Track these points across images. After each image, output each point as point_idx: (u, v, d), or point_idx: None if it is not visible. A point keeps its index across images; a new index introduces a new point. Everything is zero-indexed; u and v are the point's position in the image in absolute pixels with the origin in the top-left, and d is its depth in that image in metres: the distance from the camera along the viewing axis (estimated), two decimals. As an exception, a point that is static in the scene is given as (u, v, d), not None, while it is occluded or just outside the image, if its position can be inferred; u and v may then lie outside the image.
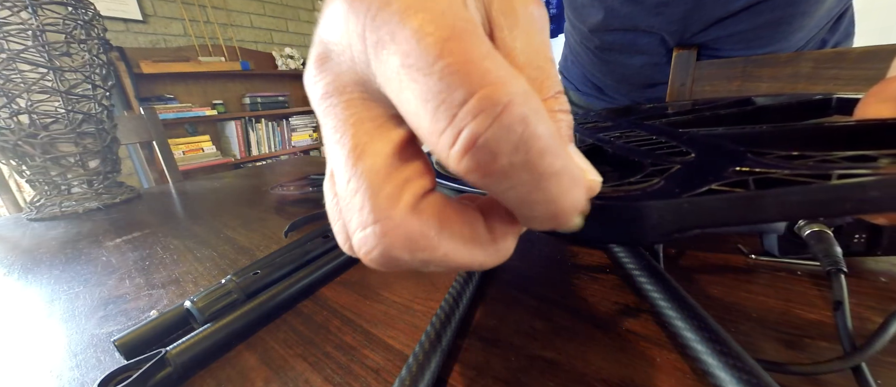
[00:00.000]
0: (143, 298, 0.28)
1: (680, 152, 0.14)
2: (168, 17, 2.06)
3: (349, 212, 0.09)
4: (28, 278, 0.34)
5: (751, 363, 0.13)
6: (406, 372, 0.16)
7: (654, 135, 0.17)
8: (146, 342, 0.21)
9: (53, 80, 0.54)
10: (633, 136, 0.18)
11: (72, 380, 0.20)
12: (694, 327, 0.15)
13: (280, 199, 0.54)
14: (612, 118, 0.22)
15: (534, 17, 0.11)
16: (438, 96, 0.07)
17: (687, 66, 0.51)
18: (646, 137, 0.17)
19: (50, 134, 0.56)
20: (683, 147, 0.14)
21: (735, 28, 0.46)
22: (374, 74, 0.09)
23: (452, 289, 0.21)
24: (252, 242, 0.37)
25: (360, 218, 0.09)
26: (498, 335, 0.19)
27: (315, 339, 0.21)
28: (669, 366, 0.16)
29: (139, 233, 0.45)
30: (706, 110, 0.21)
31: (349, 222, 0.10)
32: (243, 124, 2.31)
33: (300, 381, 0.18)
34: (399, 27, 0.08)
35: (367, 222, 0.09)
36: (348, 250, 0.10)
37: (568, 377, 0.16)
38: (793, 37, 0.45)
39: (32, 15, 0.52)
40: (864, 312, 0.18)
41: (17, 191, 0.86)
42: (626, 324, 0.19)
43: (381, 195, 0.09)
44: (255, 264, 0.27)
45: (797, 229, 0.21)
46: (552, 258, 0.27)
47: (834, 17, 0.47)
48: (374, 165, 0.09)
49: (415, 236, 0.09)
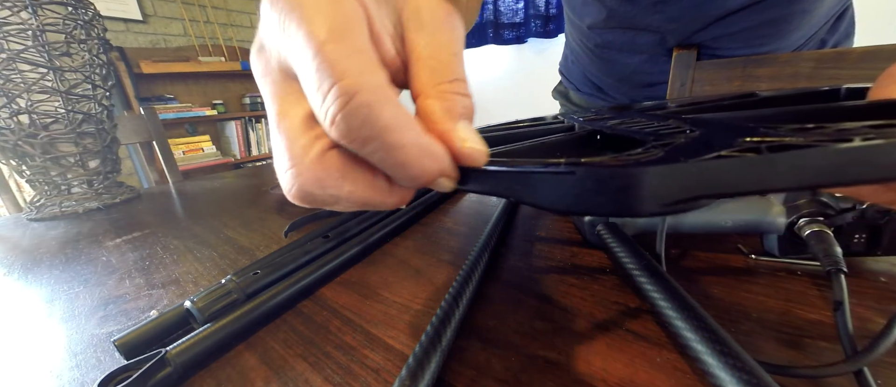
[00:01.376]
0: (143, 298, 0.28)
1: (684, 133, 0.12)
2: (168, 17, 2.06)
3: (277, 160, 0.13)
4: (28, 278, 0.34)
5: (751, 363, 0.13)
6: (406, 372, 0.16)
7: (657, 121, 0.16)
8: (146, 342, 0.21)
9: (53, 80, 0.54)
10: (634, 122, 0.17)
11: (72, 380, 0.20)
12: (694, 327, 0.15)
13: (280, 199, 0.54)
14: (613, 112, 0.22)
15: (440, 21, 0.13)
16: (315, 83, 0.11)
17: (687, 66, 0.51)
18: (647, 122, 0.16)
19: (50, 134, 0.56)
20: (688, 128, 0.13)
21: (734, 27, 0.46)
22: (288, 61, 0.12)
23: (452, 289, 0.21)
24: (252, 242, 0.37)
25: (282, 163, 0.12)
26: (498, 335, 0.19)
27: (315, 339, 0.21)
28: (669, 366, 0.16)
29: (139, 233, 0.45)
30: (708, 103, 0.21)
31: (277, 168, 0.13)
32: (243, 124, 2.31)
33: (300, 381, 0.18)
34: (296, 30, 0.11)
35: (287, 166, 0.12)
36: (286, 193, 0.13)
37: (568, 377, 0.16)
38: (792, 36, 0.45)
39: (32, 15, 0.52)
40: (864, 312, 0.18)
41: (17, 191, 0.86)
42: (626, 324, 0.19)
43: (295, 146, 0.12)
44: (255, 264, 0.27)
45: (797, 229, 0.21)
46: (552, 258, 0.27)
47: (834, 17, 0.47)
48: (291, 125, 0.12)
49: (321, 177, 0.12)
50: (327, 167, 0.12)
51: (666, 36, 0.50)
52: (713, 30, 0.47)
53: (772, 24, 0.44)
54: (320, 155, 0.12)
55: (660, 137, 0.12)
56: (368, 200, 0.13)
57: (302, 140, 0.12)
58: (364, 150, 0.11)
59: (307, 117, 0.12)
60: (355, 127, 0.10)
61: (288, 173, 0.12)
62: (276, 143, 0.13)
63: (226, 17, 2.28)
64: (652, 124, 0.15)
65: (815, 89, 0.21)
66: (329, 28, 0.10)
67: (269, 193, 0.58)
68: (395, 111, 0.11)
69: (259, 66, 0.13)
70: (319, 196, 0.13)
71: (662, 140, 0.11)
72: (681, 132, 0.12)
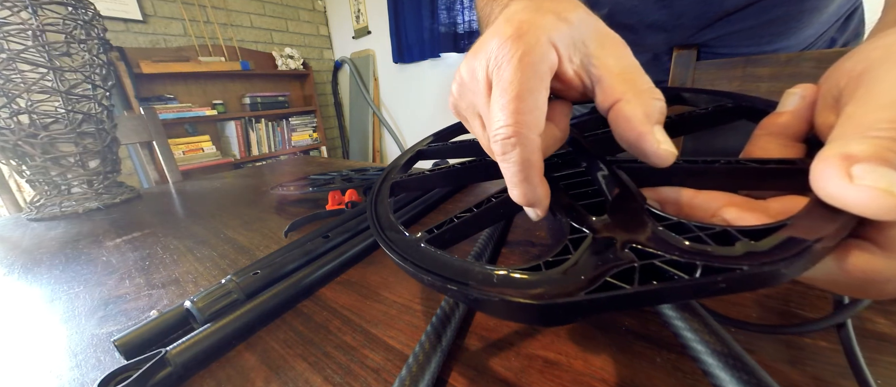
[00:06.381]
0: (143, 298, 0.28)
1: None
2: (168, 17, 2.05)
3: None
4: (28, 278, 0.34)
5: (751, 363, 0.13)
6: (406, 372, 0.16)
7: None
8: (146, 342, 0.21)
9: (53, 80, 0.54)
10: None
11: (72, 380, 0.20)
12: (694, 328, 0.15)
13: (280, 199, 0.54)
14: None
15: (616, 42, 0.17)
16: (497, 116, 0.15)
17: (687, 66, 0.51)
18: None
19: (50, 134, 0.56)
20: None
21: (743, 24, 0.45)
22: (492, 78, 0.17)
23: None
24: (252, 242, 0.37)
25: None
26: (498, 335, 0.19)
27: (315, 339, 0.21)
28: (669, 366, 0.16)
29: (139, 233, 0.45)
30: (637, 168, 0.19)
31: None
32: (243, 124, 2.31)
33: (300, 381, 0.18)
34: (506, 77, 0.15)
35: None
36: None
37: (568, 377, 0.16)
38: (802, 33, 0.45)
39: (32, 15, 0.52)
40: (865, 312, 0.18)
41: (17, 191, 0.86)
42: (626, 324, 0.19)
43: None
44: (255, 264, 0.27)
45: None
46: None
47: (844, 15, 0.46)
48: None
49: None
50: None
51: (673, 33, 0.49)
52: (721, 26, 0.46)
53: (781, 22, 0.43)
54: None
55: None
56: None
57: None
58: (501, 163, 0.16)
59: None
60: (499, 153, 0.15)
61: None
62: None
63: (226, 17, 2.28)
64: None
65: (723, 106, 0.21)
66: (521, 87, 0.15)
67: (269, 193, 0.58)
68: (528, 149, 0.15)
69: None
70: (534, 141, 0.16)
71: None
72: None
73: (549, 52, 0.16)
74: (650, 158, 0.15)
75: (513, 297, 0.12)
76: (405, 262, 0.15)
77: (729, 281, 0.10)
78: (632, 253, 0.12)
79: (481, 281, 0.13)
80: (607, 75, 0.16)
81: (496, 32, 0.16)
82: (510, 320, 0.20)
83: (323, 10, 2.77)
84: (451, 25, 1.99)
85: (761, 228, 0.11)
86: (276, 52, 2.49)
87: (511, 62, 0.15)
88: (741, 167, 0.15)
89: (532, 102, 0.15)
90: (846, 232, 0.10)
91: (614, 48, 0.17)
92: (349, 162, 0.97)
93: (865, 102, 0.12)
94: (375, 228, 0.20)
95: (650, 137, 0.15)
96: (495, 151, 0.16)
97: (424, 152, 0.30)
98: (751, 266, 0.10)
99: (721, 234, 0.12)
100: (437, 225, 0.18)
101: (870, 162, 0.10)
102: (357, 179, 0.51)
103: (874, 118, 0.11)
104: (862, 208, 0.10)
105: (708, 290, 0.10)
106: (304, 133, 2.61)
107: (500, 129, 0.15)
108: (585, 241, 0.14)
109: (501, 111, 0.15)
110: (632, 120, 0.15)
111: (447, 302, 0.20)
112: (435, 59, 2.17)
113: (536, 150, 0.15)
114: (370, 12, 2.44)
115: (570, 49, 0.16)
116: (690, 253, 0.11)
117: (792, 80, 0.44)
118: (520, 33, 0.15)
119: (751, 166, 0.15)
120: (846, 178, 0.10)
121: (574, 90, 0.18)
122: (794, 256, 0.10)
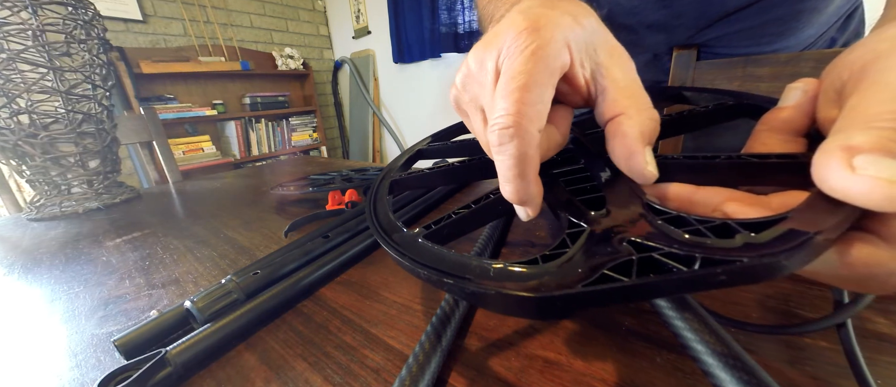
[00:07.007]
0: (143, 298, 0.28)
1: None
2: (168, 17, 2.05)
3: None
4: (28, 278, 0.34)
5: (751, 363, 0.13)
6: (406, 372, 0.16)
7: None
8: (146, 342, 0.21)
9: (53, 80, 0.54)
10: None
11: (72, 380, 0.20)
12: (694, 328, 0.15)
13: (280, 199, 0.54)
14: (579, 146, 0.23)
15: (623, 55, 0.18)
16: (500, 104, 0.15)
17: (687, 66, 0.51)
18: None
19: (50, 134, 0.56)
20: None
21: (743, 24, 0.45)
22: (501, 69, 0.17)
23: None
24: (252, 242, 0.37)
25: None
26: (498, 335, 0.19)
27: (315, 339, 0.21)
28: (669, 366, 0.16)
29: (139, 233, 0.45)
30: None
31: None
32: (243, 124, 2.31)
33: (300, 381, 0.18)
34: (516, 68, 0.15)
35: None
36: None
37: (568, 377, 0.16)
38: (802, 33, 0.45)
39: (32, 15, 0.52)
40: (865, 312, 0.18)
41: (17, 191, 0.86)
42: (626, 324, 0.19)
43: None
44: (255, 264, 0.27)
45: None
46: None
47: (844, 15, 0.46)
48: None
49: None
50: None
51: (674, 33, 0.49)
52: (721, 27, 0.46)
53: (781, 22, 0.43)
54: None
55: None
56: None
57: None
58: (496, 156, 0.15)
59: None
60: (496, 143, 0.15)
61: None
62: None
63: (226, 17, 2.28)
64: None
65: (723, 103, 0.21)
66: (527, 78, 0.15)
67: (269, 193, 0.58)
68: (526, 143, 0.15)
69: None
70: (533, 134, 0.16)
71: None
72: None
73: (562, 50, 0.16)
74: (635, 176, 0.16)
75: (509, 290, 0.12)
76: (402, 257, 0.15)
77: (728, 273, 0.10)
78: (630, 246, 0.12)
79: (478, 275, 0.13)
80: (613, 87, 0.17)
81: (511, 24, 0.16)
82: (507, 313, 0.20)
83: (323, 10, 2.77)
84: (452, 25, 1.99)
85: (761, 221, 0.11)
86: (276, 52, 2.49)
87: (523, 53, 0.15)
88: (742, 162, 0.15)
89: (538, 95, 0.15)
90: (848, 224, 0.10)
91: (621, 61, 0.17)
92: (349, 162, 0.97)
93: (870, 94, 0.11)
94: (373, 224, 0.20)
95: (640, 156, 0.15)
96: (491, 141, 0.15)
97: (424, 152, 0.31)
98: (750, 258, 0.10)
99: (721, 227, 0.12)
100: (436, 221, 0.18)
101: (873, 152, 0.10)
102: (357, 179, 0.51)
103: (878, 110, 0.10)
104: (864, 199, 0.09)
105: (707, 282, 0.10)
106: (304, 133, 2.61)
107: (499, 118, 0.15)
108: (583, 234, 0.14)
109: (504, 100, 0.15)
110: (628, 137, 0.15)
111: (447, 302, 0.20)
112: (435, 59, 2.17)
113: (534, 145, 0.15)
114: (370, 12, 2.44)
115: (582, 54, 0.17)
116: (689, 245, 0.11)
117: (792, 80, 0.44)
118: (536, 27, 0.15)
119: (752, 161, 0.15)
120: (848, 169, 0.10)
121: (578, 95, 0.18)
122: (794, 248, 0.10)
